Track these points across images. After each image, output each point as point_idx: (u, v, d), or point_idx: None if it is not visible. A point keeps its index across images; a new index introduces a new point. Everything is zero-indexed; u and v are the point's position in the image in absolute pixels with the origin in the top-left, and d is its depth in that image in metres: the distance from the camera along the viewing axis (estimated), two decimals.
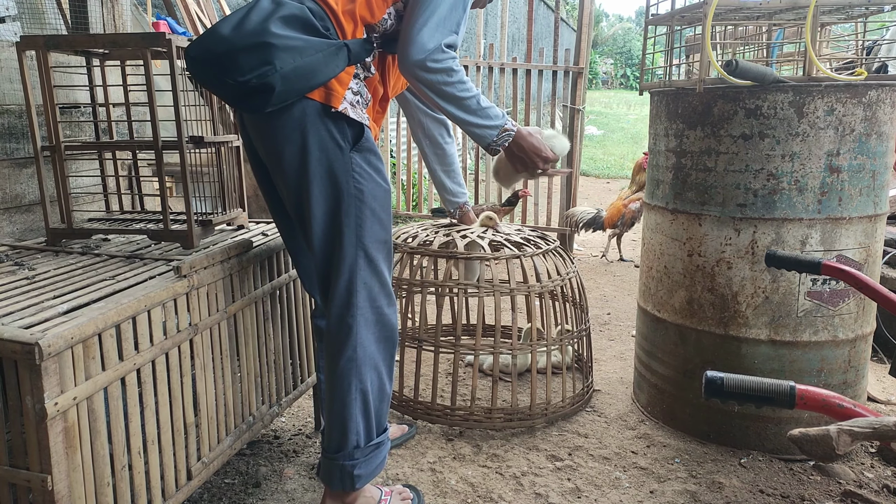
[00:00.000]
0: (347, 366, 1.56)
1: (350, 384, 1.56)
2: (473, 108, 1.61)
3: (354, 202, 1.52)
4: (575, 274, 2.41)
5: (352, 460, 1.59)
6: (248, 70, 1.38)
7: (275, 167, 1.56)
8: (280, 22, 1.41)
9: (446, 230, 2.36)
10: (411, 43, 1.51)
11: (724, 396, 1.06)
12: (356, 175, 1.52)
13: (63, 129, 1.69)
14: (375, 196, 1.55)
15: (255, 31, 1.39)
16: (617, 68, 36.06)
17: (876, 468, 2.03)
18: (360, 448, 1.59)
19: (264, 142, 1.55)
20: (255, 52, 1.38)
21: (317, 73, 1.44)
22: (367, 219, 1.54)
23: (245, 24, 1.41)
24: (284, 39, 1.40)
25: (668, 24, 2.36)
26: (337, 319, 1.56)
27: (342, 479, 1.60)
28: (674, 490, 1.91)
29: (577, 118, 4.72)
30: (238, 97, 1.43)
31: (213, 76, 1.42)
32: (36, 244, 1.74)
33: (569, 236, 4.84)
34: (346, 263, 1.53)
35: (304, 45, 1.41)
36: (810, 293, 2.01)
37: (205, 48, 1.42)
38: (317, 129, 1.49)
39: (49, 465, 1.13)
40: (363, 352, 1.56)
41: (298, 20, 1.44)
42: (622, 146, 13.16)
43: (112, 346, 1.27)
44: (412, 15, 1.54)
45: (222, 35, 1.40)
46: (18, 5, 2.11)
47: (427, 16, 1.52)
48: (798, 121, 1.94)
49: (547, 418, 2.27)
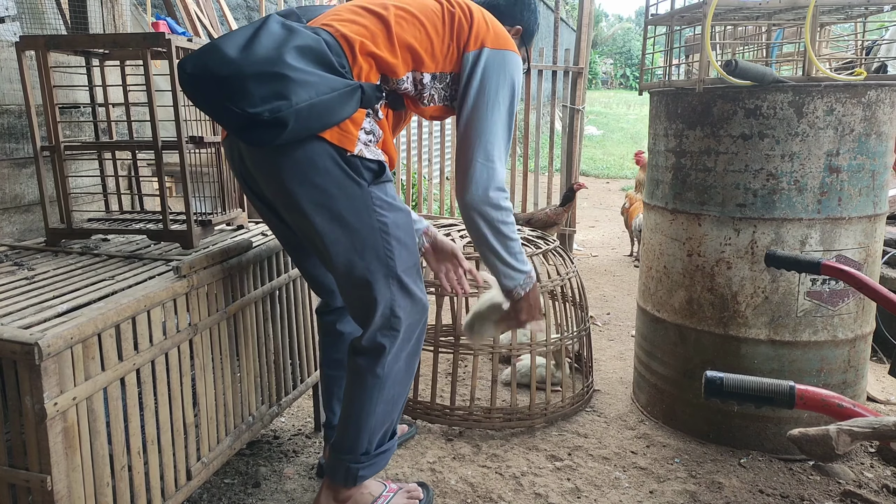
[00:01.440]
0: (374, 382, 1.54)
1: (373, 398, 1.55)
2: (516, 250, 1.62)
3: (380, 236, 1.48)
4: (575, 274, 2.41)
5: (358, 463, 1.60)
6: (259, 101, 1.28)
7: (285, 206, 1.49)
8: (295, 52, 1.32)
9: (446, 230, 2.36)
10: (475, 180, 1.52)
11: (723, 396, 1.06)
12: (377, 209, 1.47)
13: (63, 130, 1.69)
14: (398, 224, 1.51)
15: (268, 58, 1.30)
16: (617, 68, 36.06)
17: (875, 468, 2.03)
18: (368, 454, 1.60)
19: (270, 178, 1.46)
20: (269, 83, 1.29)
21: (332, 112, 1.36)
22: (395, 249, 1.50)
23: (255, 47, 1.31)
24: (301, 73, 1.31)
25: (667, 24, 2.36)
26: (371, 339, 1.52)
27: (346, 477, 1.61)
28: (673, 490, 1.91)
29: (576, 118, 4.72)
30: (242, 128, 1.33)
31: (215, 100, 1.33)
32: (35, 244, 1.74)
33: (569, 236, 4.84)
34: (380, 299, 1.50)
35: (319, 81, 1.33)
36: (810, 293, 2.01)
37: (204, 66, 1.31)
38: (332, 169, 1.41)
39: (49, 465, 1.13)
40: (391, 369, 1.54)
41: (314, 53, 1.35)
42: (622, 146, 13.17)
43: (112, 346, 1.27)
44: (469, 139, 1.53)
45: (227, 56, 1.29)
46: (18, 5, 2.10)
47: (485, 143, 1.52)
48: (798, 121, 1.94)
49: (546, 418, 2.27)
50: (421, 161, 5.39)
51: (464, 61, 1.54)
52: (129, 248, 1.72)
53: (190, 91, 1.37)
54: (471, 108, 1.54)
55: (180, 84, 1.37)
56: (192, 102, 1.47)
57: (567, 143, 4.80)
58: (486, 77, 1.53)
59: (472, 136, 1.54)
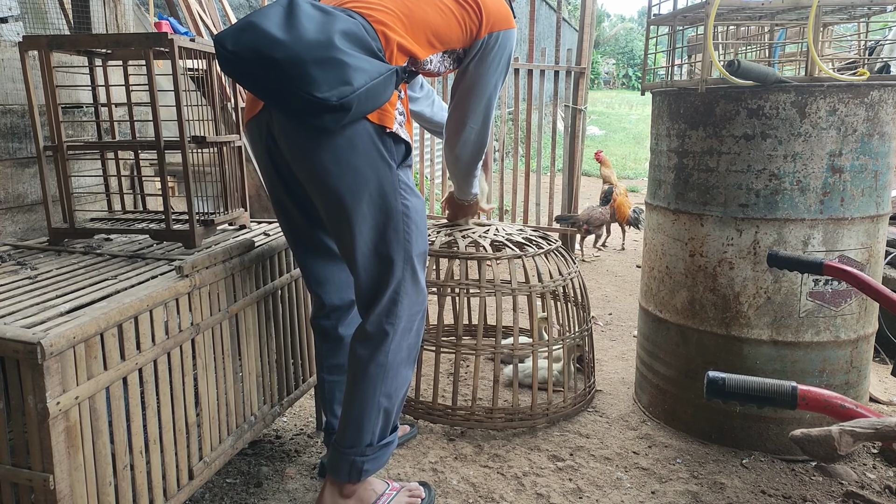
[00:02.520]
0: (377, 371, 1.56)
1: (376, 388, 1.57)
2: (472, 183, 2.07)
3: (402, 218, 1.54)
4: (577, 274, 2.41)
5: (363, 456, 1.61)
6: (326, 87, 1.30)
7: (317, 184, 1.50)
8: (342, 36, 1.35)
9: (448, 230, 2.36)
10: (467, 143, 1.81)
11: (725, 397, 1.05)
12: (402, 192, 1.53)
13: (65, 129, 1.69)
14: (417, 210, 1.58)
15: (320, 42, 1.32)
16: (619, 68, 36.02)
17: (878, 469, 2.03)
18: (372, 446, 1.61)
19: (307, 157, 1.47)
20: (331, 69, 1.31)
21: (380, 95, 1.43)
22: (413, 233, 1.56)
23: (300, 29, 1.32)
24: (354, 58, 1.34)
25: (670, 24, 2.36)
26: (375, 325, 1.56)
27: (350, 473, 1.62)
28: (675, 490, 1.91)
29: (578, 118, 4.72)
30: (306, 112, 1.36)
31: (271, 82, 1.33)
32: (38, 244, 1.74)
33: (570, 236, 4.84)
34: (394, 278, 1.55)
35: (370, 66, 1.38)
36: (812, 294, 2.01)
37: (250, 47, 1.30)
38: (370, 149, 1.47)
39: (51, 464, 1.14)
40: (394, 357, 1.57)
41: (356, 37, 1.39)
42: (624, 146, 13.15)
43: (114, 345, 1.27)
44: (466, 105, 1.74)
45: (274, 37, 1.29)
46: (21, 5, 2.11)
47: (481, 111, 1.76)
48: (800, 121, 1.93)
49: (548, 418, 2.27)
50: (423, 161, 5.38)
51: (476, 44, 1.67)
52: (132, 248, 1.72)
53: (232, 70, 1.37)
54: (473, 80, 1.71)
55: (219, 61, 1.37)
56: (234, 80, 1.48)
57: (569, 144, 4.80)
58: (494, 57, 1.70)
59: (470, 104, 1.74)
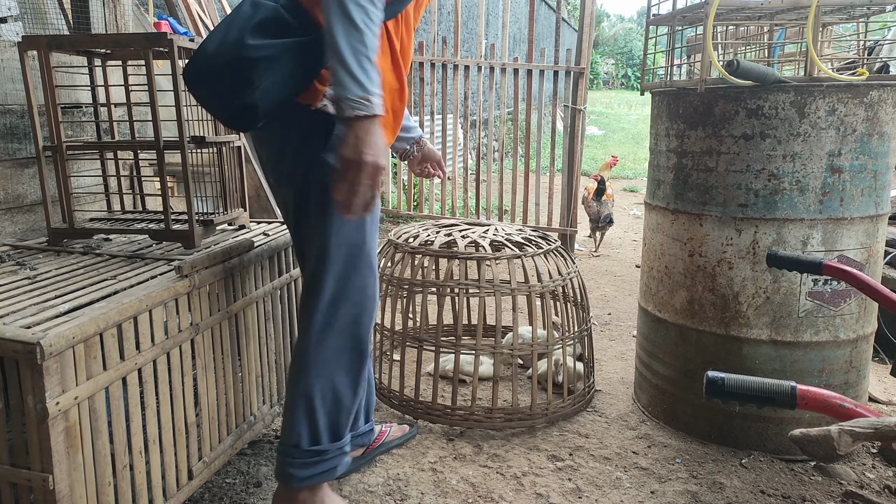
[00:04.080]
0: (300, 362, 1.54)
1: (296, 384, 1.55)
2: (363, 53, 1.22)
3: (327, 207, 1.45)
4: (576, 274, 2.41)
5: (289, 457, 1.57)
6: (230, 90, 1.31)
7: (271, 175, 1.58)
8: (255, 29, 1.32)
9: (447, 230, 2.36)
10: None
11: (725, 397, 1.05)
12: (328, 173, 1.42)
13: (65, 129, 1.69)
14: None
15: (233, 43, 1.31)
16: (618, 68, 36.06)
17: (877, 469, 2.03)
18: (299, 448, 1.56)
19: (263, 149, 1.55)
20: (237, 69, 1.30)
21: (294, 77, 1.35)
22: (335, 223, 1.47)
23: (227, 36, 1.32)
24: (259, 50, 1.30)
25: (669, 24, 2.36)
26: (302, 304, 1.56)
27: (281, 472, 1.59)
28: (675, 490, 1.91)
29: (578, 118, 4.72)
30: (229, 118, 1.41)
31: (205, 97, 1.39)
32: (38, 244, 1.74)
33: (570, 236, 4.84)
34: (321, 261, 1.50)
35: (277, 52, 1.32)
36: (812, 293, 2.01)
37: (196, 68, 1.35)
38: (300, 132, 1.44)
39: (50, 464, 1.14)
40: (318, 345, 1.52)
41: (273, 22, 1.34)
42: (623, 146, 13.15)
43: (113, 345, 1.27)
44: None
45: (208, 52, 1.33)
46: (20, 5, 2.11)
47: None
48: (799, 121, 1.94)
49: (548, 418, 2.27)
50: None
51: None
52: (131, 248, 1.72)
53: (193, 94, 1.42)
54: None
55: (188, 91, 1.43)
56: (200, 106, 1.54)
57: (568, 144, 4.80)
58: None
59: None
